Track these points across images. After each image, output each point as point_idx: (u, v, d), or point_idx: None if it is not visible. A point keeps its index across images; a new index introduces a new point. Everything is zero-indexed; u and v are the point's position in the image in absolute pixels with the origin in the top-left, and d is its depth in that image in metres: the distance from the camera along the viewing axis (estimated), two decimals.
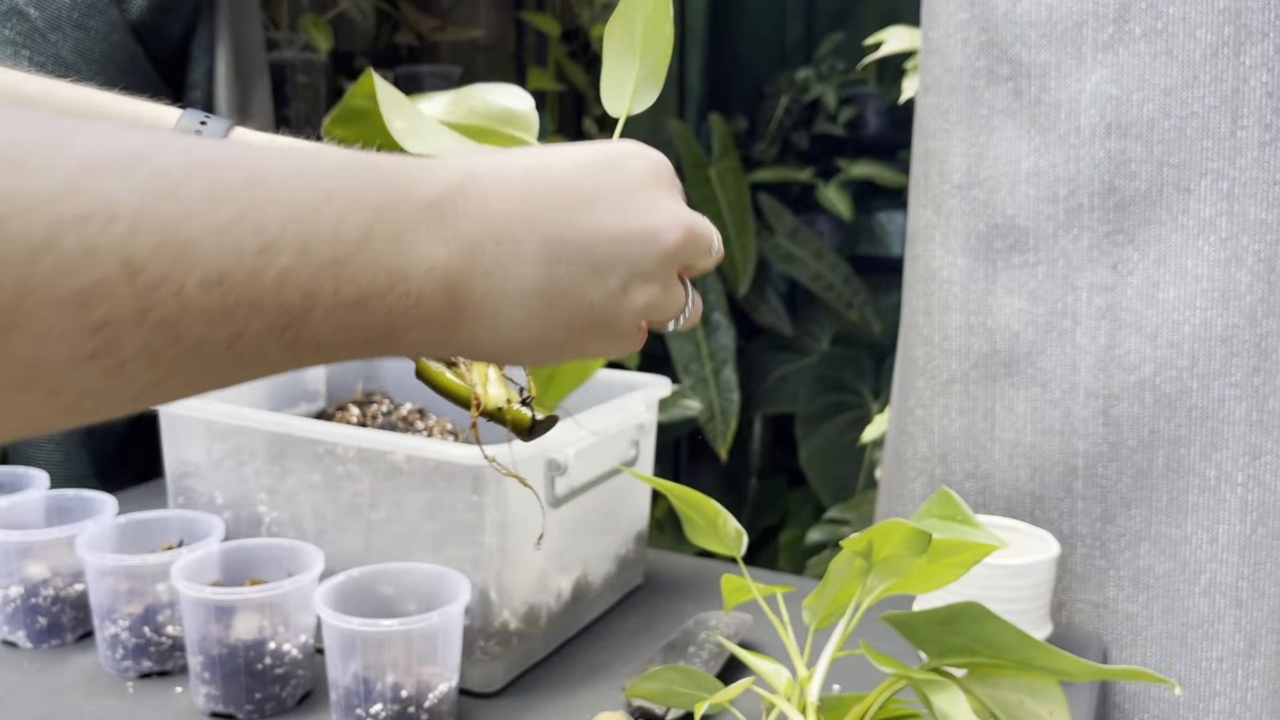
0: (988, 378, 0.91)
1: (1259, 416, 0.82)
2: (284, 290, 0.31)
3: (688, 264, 0.46)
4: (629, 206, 0.42)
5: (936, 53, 0.90)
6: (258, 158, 0.32)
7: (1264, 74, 0.79)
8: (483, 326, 0.38)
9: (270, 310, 0.31)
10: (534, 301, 0.39)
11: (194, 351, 0.30)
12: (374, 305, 0.34)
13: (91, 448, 1.23)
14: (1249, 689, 0.85)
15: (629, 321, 0.44)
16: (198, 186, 0.30)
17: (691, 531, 0.67)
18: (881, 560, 0.56)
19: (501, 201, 0.38)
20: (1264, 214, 0.81)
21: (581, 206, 0.41)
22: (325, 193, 0.33)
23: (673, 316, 0.47)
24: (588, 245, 0.41)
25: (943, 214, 0.92)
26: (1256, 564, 0.84)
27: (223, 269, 0.30)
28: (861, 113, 2.36)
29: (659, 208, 0.43)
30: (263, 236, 0.31)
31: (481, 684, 0.76)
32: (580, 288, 0.41)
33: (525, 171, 0.40)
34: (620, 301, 0.42)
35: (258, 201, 0.31)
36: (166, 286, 0.28)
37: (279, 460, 0.81)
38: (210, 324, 0.30)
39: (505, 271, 0.38)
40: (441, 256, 0.36)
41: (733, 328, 2.10)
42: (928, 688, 0.52)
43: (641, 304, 0.43)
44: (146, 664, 0.77)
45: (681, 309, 0.47)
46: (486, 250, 0.38)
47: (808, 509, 2.15)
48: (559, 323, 0.41)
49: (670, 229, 0.43)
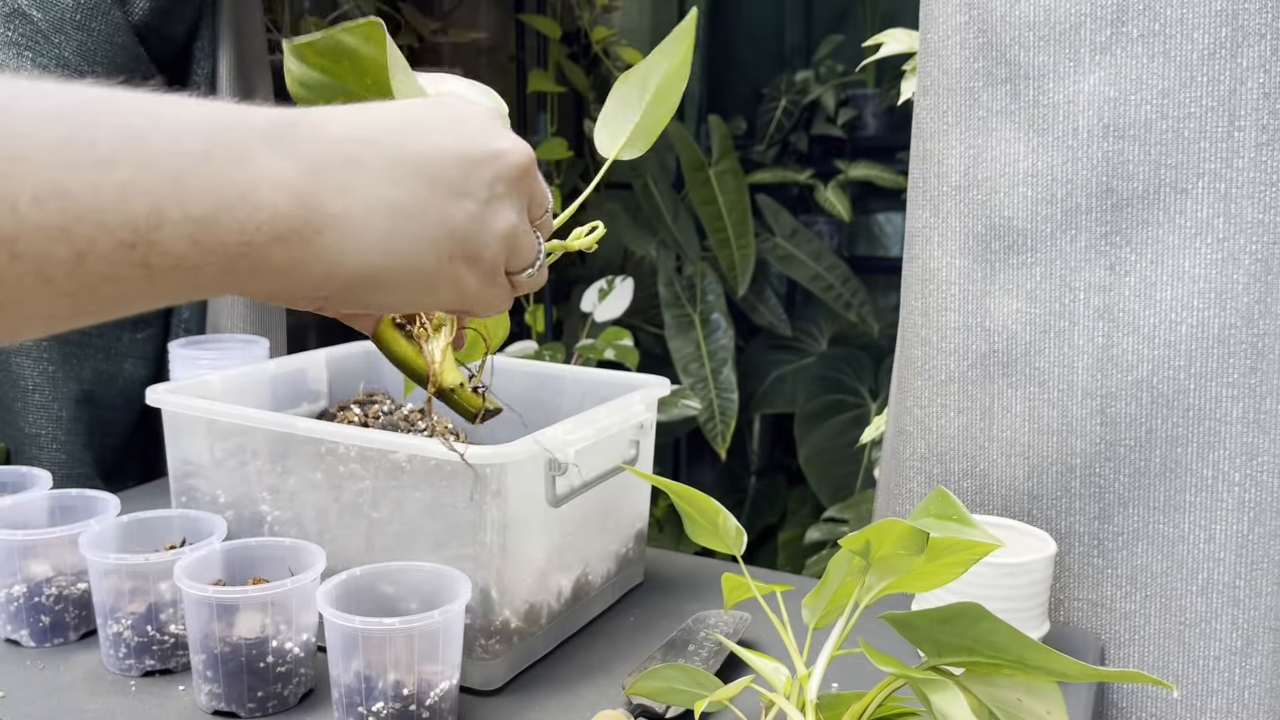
0: (985, 377, 0.91)
1: (1255, 416, 0.83)
2: (127, 203, 0.32)
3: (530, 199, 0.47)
4: (467, 133, 0.43)
5: (934, 55, 0.91)
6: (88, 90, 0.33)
7: (1261, 75, 0.79)
8: (347, 246, 0.39)
9: (115, 226, 0.32)
10: (393, 218, 0.40)
11: (38, 271, 0.31)
12: (226, 220, 0.34)
13: (94, 448, 1.23)
14: (1245, 687, 0.85)
15: (494, 251, 0.45)
16: (25, 107, 0.30)
17: (692, 530, 0.67)
18: (879, 559, 0.56)
19: (341, 129, 0.39)
20: (1260, 215, 0.81)
21: (421, 132, 0.42)
22: (157, 116, 0.34)
23: (530, 259, 0.48)
24: (435, 167, 0.42)
25: (941, 215, 0.92)
26: (1253, 563, 0.84)
27: (60, 182, 0.30)
28: (860, 114, 2.36)
29: (497, 133, 0.45)
30: (97, 152, 0.31)
31: (482, 682, 0.76)
32: (438, 208, 0.42)
33: (361, 111, 0.41)
34: (481, 224, 0.43)
35: (90, 122, 0.32)
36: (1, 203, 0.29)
37: (281, 460, 0.81)
38: (50, 240, 0.30)
39: (357, 188, 0.39)
40: (288, 171, 0.36)
41: (732, 328, 2.11)
42: (926, 686, 0.52)
43: (502, 228, 0.44)
44: (149, 662, 0.78)
45: (534, 251, 0.48)
46: (333, 169, 0.38)
47: (806, 508, 2.15)
48: (424, 243, 0.41)
49: (514, 151, 0.45)
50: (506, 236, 0.45)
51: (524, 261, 0.48)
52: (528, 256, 0.48)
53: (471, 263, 0.44)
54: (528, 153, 0.45)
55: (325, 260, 0.38)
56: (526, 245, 0.47)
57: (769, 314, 2.26)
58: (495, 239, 0.44)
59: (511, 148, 0.45)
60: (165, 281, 0.34)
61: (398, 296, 0.42)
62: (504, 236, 0.45)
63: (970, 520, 0.54)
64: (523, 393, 1.00)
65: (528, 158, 0.45)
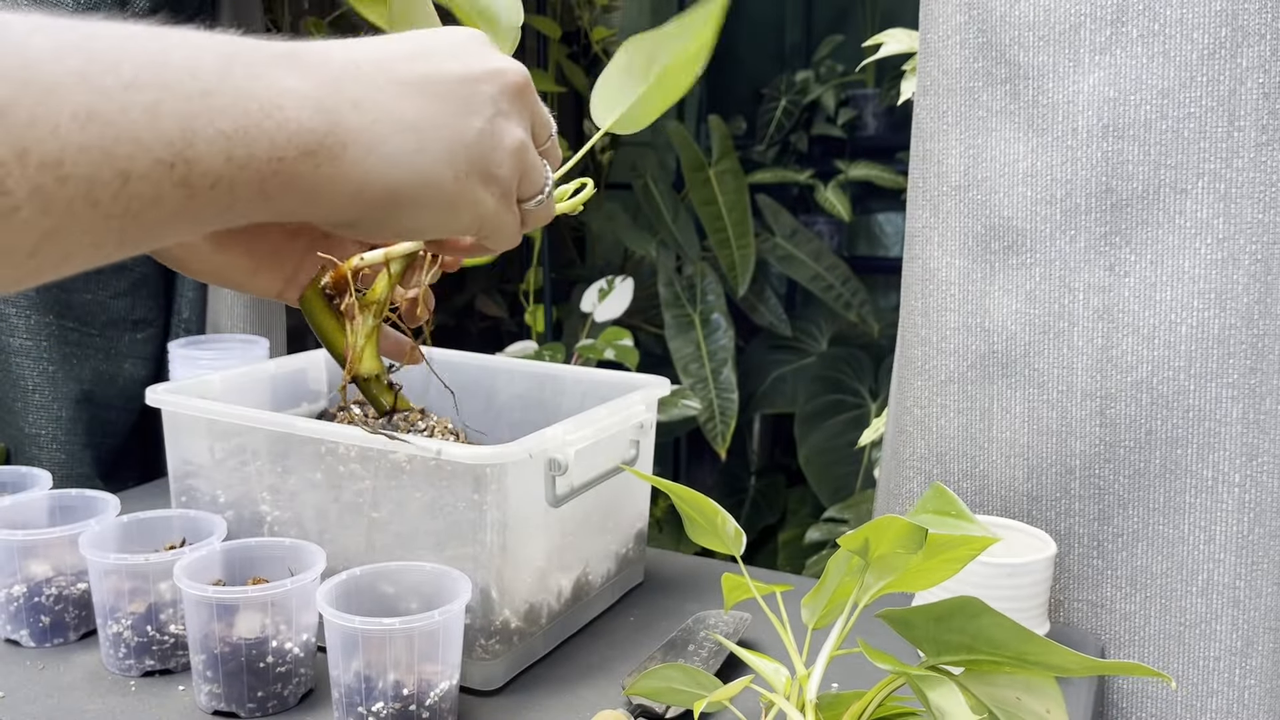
0: (985, 378, 0.91)
1: (1255, 417, 0.83)
2: (158, 123, 0.33)
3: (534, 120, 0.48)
4: (465, 56, 0.45)
5: (934, 55, 0.91)
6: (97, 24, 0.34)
7: (1260, 75, 0.79)
8: (371, 161, 0.40)
9: (151, 144, 0.33)
10: (410, 134, 0.41)
11: (86, 194, 0.32)
12: (255, 134, 0.35)
13: (94, 448, 1.23)
14: (1246, 688, 0.86)
15: (507, 170, 0.45)
16: (41, 42, 0.31)
17: (692, 530, 0.67)
18: (878, 558, 0.56)
19: (346, 53, 0.40)
20: (1260, 215, 0.81)
21: (422, 56, 0.43)
22: (170, 43, 0.35)
23: (539, 185, 0.49)
24: (440, 86, 0.43)
25: (940, 215, 0.92)
26: (1253, 563, 0.84)
27: (90, 105, 0.31)
28: (860, 114, 2.37)
29: (493, 54, 0.46)
30: (121, 76, 0.32)
31: (482, 682, 0.76)
32: (450, 124, 0.43)
33: (360, 41, 0.42)
34: (492, 139, 0.44)
35: (107, 49, 0.33)
36: (40, 126, 0.30)
37: (281, 460, 0.81)
38: (94, 162, 0.31)
39: (372, 104, 0.40)
40: (308, 88, 0.38)
41: (732, 328, 2.11)
42: (924, 684, 0.52)
43: (511, 144, 0.45)
44: (149, 662, 0.78)
45: (544, 178, 0.49)
46: (348, 86, 0.39)
47: (806, 508, 2.15)
48: (442, 160, 0.42)
49: (511, 69, 0.46)
50: (517, 153, 0.46)
51: (534, 187, 0.48)
52: (537, 181, 0.49)
53: (488, 181, 0.45)
54: (524, 71, 0.46)
55: (352, 177, 0.39)
56: (535, 169, 0.48)
57: (769, 314, 2.26)
58: (507, 155, 0.45)
59: (509, 66, 0.46)
60: (204, 202, 0.35)
61: (424, 218, 0.43)
62: (514, 153, 0.46)
63: (969, 515, 0.54)
64: (523, 393, 1.00)
65: (524, 75, 0.46)
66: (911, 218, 0.96)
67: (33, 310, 1.16)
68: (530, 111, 0.47)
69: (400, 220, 0.43)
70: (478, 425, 1.02)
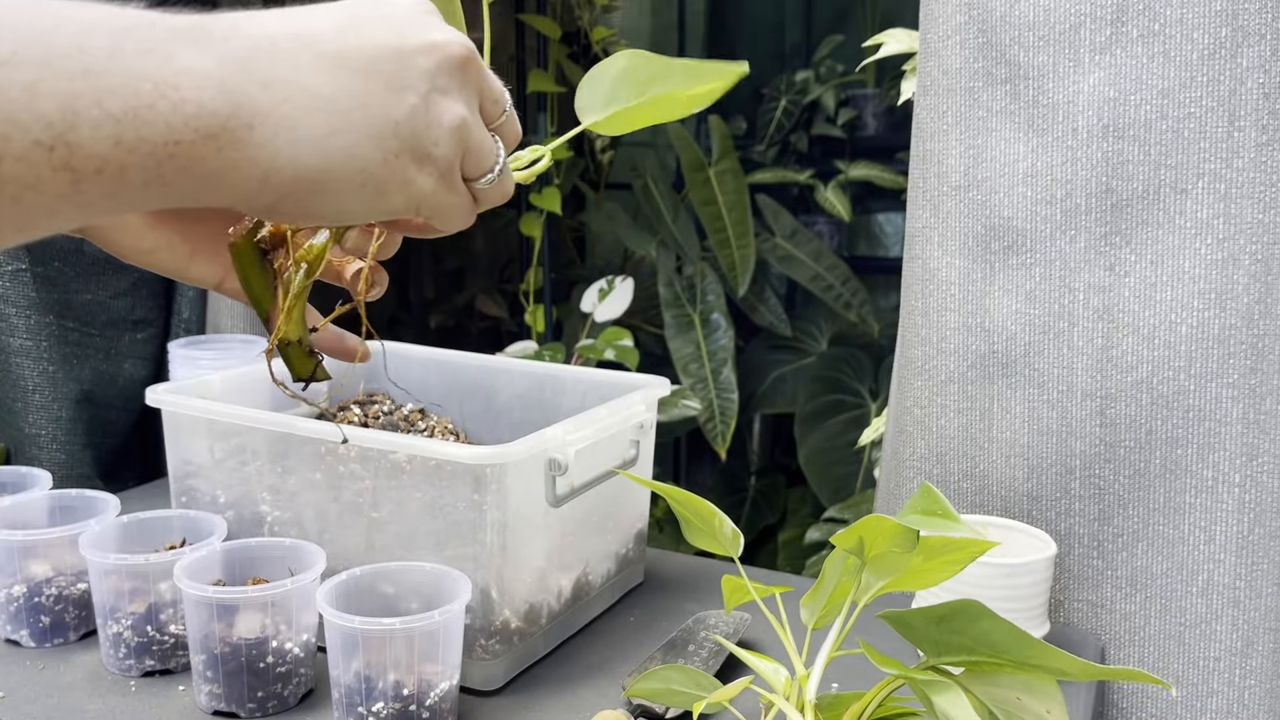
0: (985, 378, 0.91)
1: (1255, 417, 0.83)
2: (36, 103, 0.31)
3: (481, 96, 0.45)
4: (401, 28, 0.41)
5: (934, 55, 0.91)
6: None
7: (1260, 75, 0.79)
8: (282, 145, 0.37)
9: (29, 125, 0.31)
10: (329, 114, 0.38)
11: None
12: (148, 117, 0.33)
13: (94, 448, 1.23)
14: (1246, 688, 0.86)
15: (445, 149, 0.42)
16: None
17: (689, 532, 0.67)
18: (874, 558, 0.56)
19: (262, 26, 0.37)
20: (1260, 215, 0.81)
21: (352, 27, 0.40)
22: (62, 17, 0.33)
23: (489, 163, 0.45)
24: (369, 61, 0.39)
25: (940, 215, 0.92)
26: (1253, 564, 0.84)
27: None
28: (860, 115, 2.37)
29: (433, 26, 0.43)
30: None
31: (482, 682, 0.76)
32: (377, 102, 0.39)
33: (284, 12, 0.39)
34: (427, 117, 0.41)
35: None
36: None
37: (281, 460, 0.81)
38: None
39: (288, 82, 0.37)
40: (210, 66, 0.35)
41: (732, 328, 2.11)
42: (928, 688, 0.52)
43: (450, 122, 0.42)
44: (149, 662, 0.78)
45: (494, 155, 0.46)
46: (258, 63, 0.36)
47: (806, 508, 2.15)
48: (366, 140, 0.39)
49: (453, 43, 0.42)
50: (457, 131, 0.42)
51: (482, 165, 0.45)
52: (486, 160, 0.45)
53: (421, 161, 0.41)
54: (467, 44, 0.43)
55: (260, 161, 0.36)
56: (482, 145, 0.44)
57: (769, 314, 2.26)
58: (445, 134, 0.42)
59: (449, 39, 0.42)
60: (92, 188, 0.33)
61: (348, 201, 0.40)
62: (454, 131, 0.42)
63: (955, 516, 0.53)
64: (523, 393, 1.00)
65: (467, 49, 0.43)
66: (911, 218, 0.96)
67: (33, 310, 1.16)
68: (476, 87, 0.44)
69: (323, 204, 0.40)
70: (478, 425, 1.02)
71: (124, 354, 1.25)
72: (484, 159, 0.45)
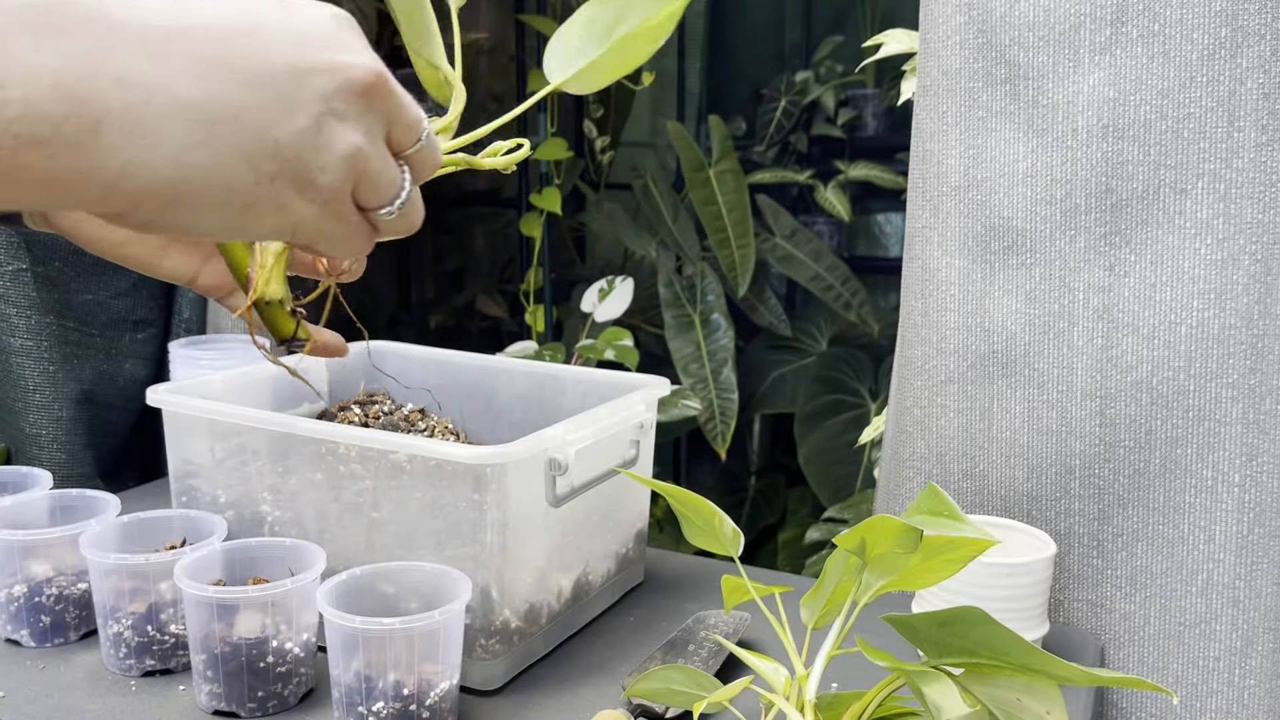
0: (984, 378, 0.91)
1: (1255, 417, 0.83)
2: None
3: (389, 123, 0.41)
4: (307, 41, 0.38)
5: (934, 55, 0.91)
6: None
7: (1260, 76, 0.79)
8: (133, 152, 0.33)
9: None
10: (194, 123, 0.34)
11: None
12: None
13: (95, 448, 1.23)
14: (1245, 688, 0.86)
15: (333, 178, 0.39)
16: None
17: (689, 532, 0.67)
18: (875, 557, 0.56)
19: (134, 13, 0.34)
20: (1260, 215, 0.81)
21: (248, 33, 0.36)
22: None
23: (389, 195, 0.42)
24: (258, 73, 0.36)
25: (940, 215, 0.92)
26: (1253, 563, 0.84)
27: None
28: (860, 115, 2.37)
29: (346, 45, 0.39)
30: None
31: (482, 682, 0.76)
32: (257, 116, 0.36)
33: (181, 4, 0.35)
34: (315, 143, 0.37)
35: None
36: None
37: (281, 460, 0.81)
38: None
39: (148, 83, 0.33)
40: (49, 60, 0.31)
41: (732, 328, 2.11)
42: (921, 680, 0.52)
43: (342, 150, 0.38)
44: (149, 662, 0.78)
45: (396, 185, 0.42)
46: (117, 55, 0.33)
47: (806, 508, 2.15)
48: (236, 157, 0.35)
49: (359, 66, 0.39)
50: (349, 160, 0.39)
51: (380, 197, 0.41)
52: (386, 191, 0.41)
53: (303, 187, 0.38)
54: (377, 69, 0.39)
55: (106, 169, 0.33)
56: (381, 176, 0.41)
57: (769, 314, 2.26)
58: (335, 161, 0.38)
59: (356, 62, 0.38)
60: None
61: (209, 219, 0.37)
62: (346, 159, 0.39)
63: (961, 516, 0.54)
64: (523, 392, 1.00)
65: (375, 74, 0.39)
66: (911, 218, 0.96)
67: (33, 310, 1.16)
68: (384, 113, 0.40)
69: (177, 218, 0.36)
70: (478, 425, 1.02)
71: (124, 354, 1.25)
72: (382, 190, 0.41)
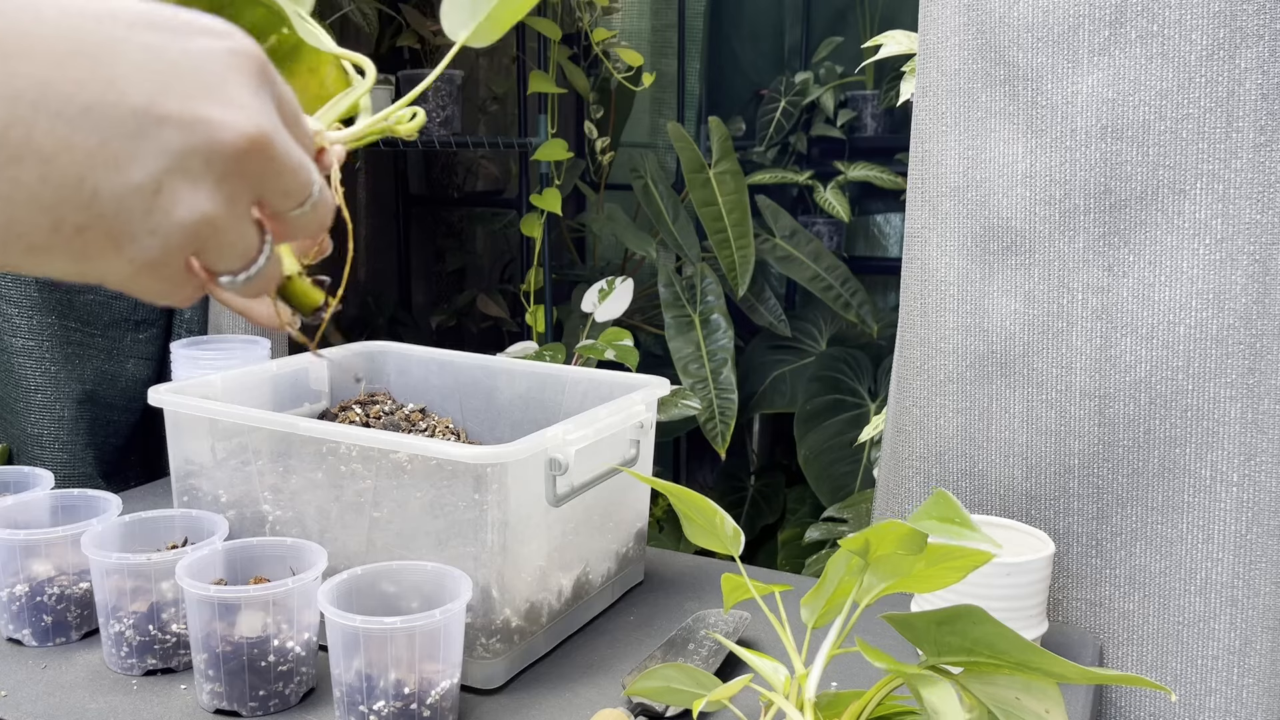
0: (983, 378, 0.92)
1: (1253, 417, 0.83)
2: None
3: (262, 190, 0.35)
4: (174, 79, 0.31)
5: (933, 56, 0.91)
6: None
7: (1258, 76, 0.80)
8: None
9: None
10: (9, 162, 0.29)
11: None
12: None
13: (96, 448, 1.23)
14: (1243, 686, 0.86)
15: (165, 243, 0.32)
16: None
17: (690, 531, 0.68)
18: (878, 559, 0.56)
19: None
20: (1258, 215, 0.81)
21: (95, 50, 0.30)
22: None
23: (236, 265, 0.36)
24: (91, 105, 0.30)
25: (939, 215, 0.92)
26: (1251, 562, 0.85)
27: None
28: (859, 116, 2.37)
29: (224, 95, 0.32)
30: None
31: (483, 681, 0.76)
32: (75, 162, 0.30)
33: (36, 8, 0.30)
34: (150, 206, 0.31)
35: None
36: None
37: (283, 459, 0.82)
38: None
39: None
40: None
41: (731, 328, 2.11)
42: (919, 682, 0.52)
43: (183, 218, 0.32)
44: (151, 661, 0.78)
45: (250, 253, 0.36)
46: None
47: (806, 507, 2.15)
48: (29, 202, 0.30)
49: (233, 125, 0.32)
50: (191, 228, 0.33)
51: (225, 265, 0.35)
52: (231, 260, 0.35)
53: (121, 244, 0.32)
54: (253, 133, 0.33)
55: None
56: (232, 246, 0.35)
57: (768, 314, 2.26)
58: (171, 227, 0.32)
59: (229, 121, 0.32)
60: None
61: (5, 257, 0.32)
62: (186, 227, 0.32)
63: (971, 524, 0.53)
64: (523, 392, 1.01)
65: (248, 139, 0.33)
66: (911, 218, 0.96)
67: (35, 310, 1.16)
68: (255, 179, 0.34)
69: None
70: (478, 425, 1.03)
71: (126, 354, 1.25)
72: (229, 259, 0.35)
